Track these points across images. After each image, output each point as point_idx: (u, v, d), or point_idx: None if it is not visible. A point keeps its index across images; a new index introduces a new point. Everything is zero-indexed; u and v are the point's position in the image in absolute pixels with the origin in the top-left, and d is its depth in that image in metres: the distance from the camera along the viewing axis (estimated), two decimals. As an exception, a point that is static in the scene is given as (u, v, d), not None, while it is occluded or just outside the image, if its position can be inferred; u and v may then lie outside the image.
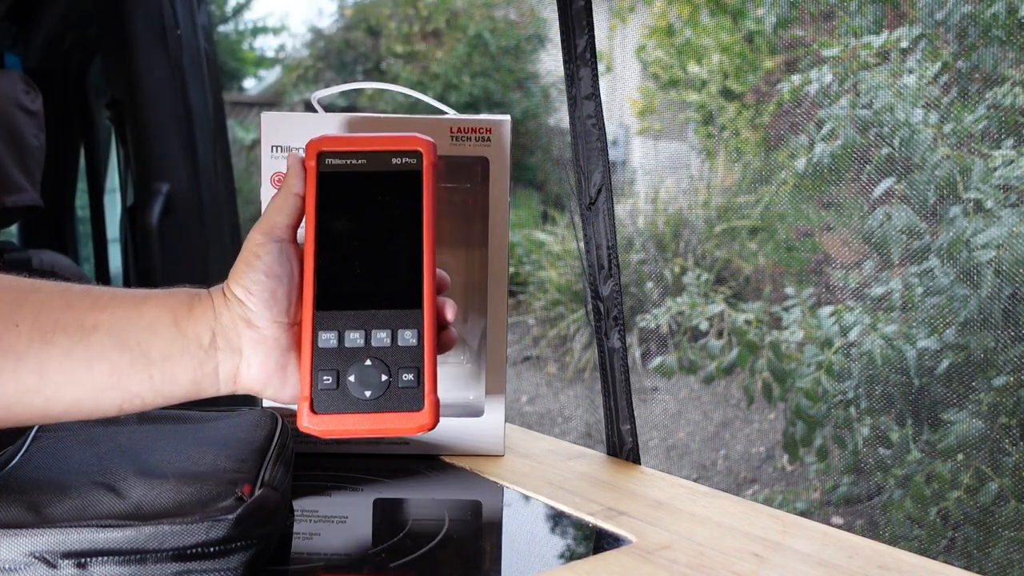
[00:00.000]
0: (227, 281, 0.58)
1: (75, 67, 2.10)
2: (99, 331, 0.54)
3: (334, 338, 0.58)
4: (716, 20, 2.80)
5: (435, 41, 6.85)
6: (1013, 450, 1.44)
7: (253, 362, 0.57)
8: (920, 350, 1.57)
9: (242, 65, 8.87)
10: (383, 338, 0.58)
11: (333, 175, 0.61)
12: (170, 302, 0.56)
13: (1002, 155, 1.44)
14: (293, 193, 0.60)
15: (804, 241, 2.09)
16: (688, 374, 2.26)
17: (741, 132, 2.62)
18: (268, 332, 0.57)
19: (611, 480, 0.77)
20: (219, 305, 0.57)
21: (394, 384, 0.58)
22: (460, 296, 0.85)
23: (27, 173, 1.35)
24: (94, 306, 0.55)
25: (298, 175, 0.61)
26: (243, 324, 0.57)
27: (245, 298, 0.57)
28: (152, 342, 0.55)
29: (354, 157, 0.61)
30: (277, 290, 0.57)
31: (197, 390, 0.57)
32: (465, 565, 0.60)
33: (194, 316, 0.56)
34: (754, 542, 0.64)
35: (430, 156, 0.61)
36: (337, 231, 0.60)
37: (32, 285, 0.55)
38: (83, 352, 0.53)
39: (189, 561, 0.51)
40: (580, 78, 0.82)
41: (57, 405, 0.54)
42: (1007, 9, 1.38)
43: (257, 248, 0.58)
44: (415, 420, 0.58)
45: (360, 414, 0.58)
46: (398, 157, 0.61)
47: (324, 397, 0.57)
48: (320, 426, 0.57)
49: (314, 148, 0.61)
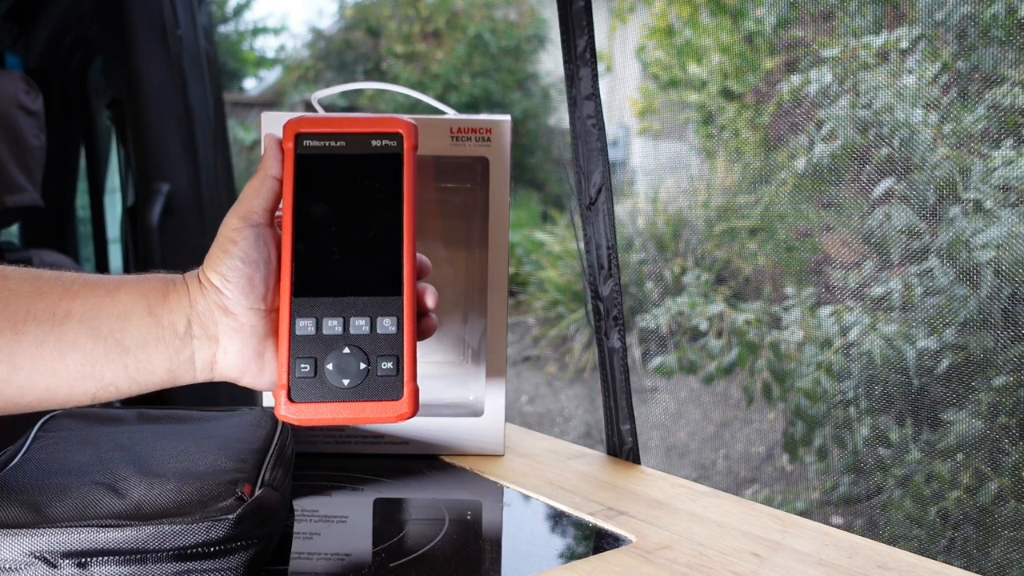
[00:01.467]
0: (202, 267, 0.57)
1: (75, 67, 2.10)
2: (71, 320, 0.53)
3: (312, 325, 0.57)
4: (716, 20, 2.80)
5: (435, 41, 6.85)
6: (1013, 450, 1.44)
7: (230, 350, 0.56)
8: (920, 350, 1.57)
9: (242, 65, 8.88)
10: (362, 325, 0.57)
11: (311, 157, 0.59)
12: (144, 289, 0.55)
13: (1002, 155, 1.44)
14: (270, 176, 0.59)
15: (804, 241, 2.09)
16: (688, 374, 2.26)
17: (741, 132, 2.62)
18: (245, 319, 0.56)
19: (611, 480, 0.77)
20: (195, 292, 0.56)
21: (373, 372, 0.57)
22: (460, 296, 0.86)
23: (28, 173, 1.36)
24: (66, 294, 0.54)
25: (275, 157, 0.59)
26: (219, 311, 0.56)
27: (221, 285, 0.56)
28: (126, 330, 0.54)
29: (333, 139, 0.60)
30: (254, 276, 0.56)
31: (172, 378, 0.56)
32: (465, 565, 0.60)
33: (169, 304, 0.55)
34: (754, 542, 0.64)
35: (411, 138, 0.60)
36: (315, 215, 0.59)
37: (1, 273, 0.54)
38: (55, 342, 0.52)
39: (189, 561, 0.51)
40: (580, 78, 0.82)
41: (29, 395, 0.53)
42: (1007, 9, 1.38)
43: (233, 233, 0.56)
44: (394, 409, 0.57)
45: (338, 403, 0.57)
46: (378, 139, 0.60)
47: (302, 385, 0.57)
48: (297, 415, 0.56)
49: (292, 129, 0.60)
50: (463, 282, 0.85)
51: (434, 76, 6.61)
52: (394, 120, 0.60)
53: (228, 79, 8.15)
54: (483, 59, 6.65)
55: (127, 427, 0.69)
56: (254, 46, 9.32)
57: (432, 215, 0.85)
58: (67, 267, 1.58)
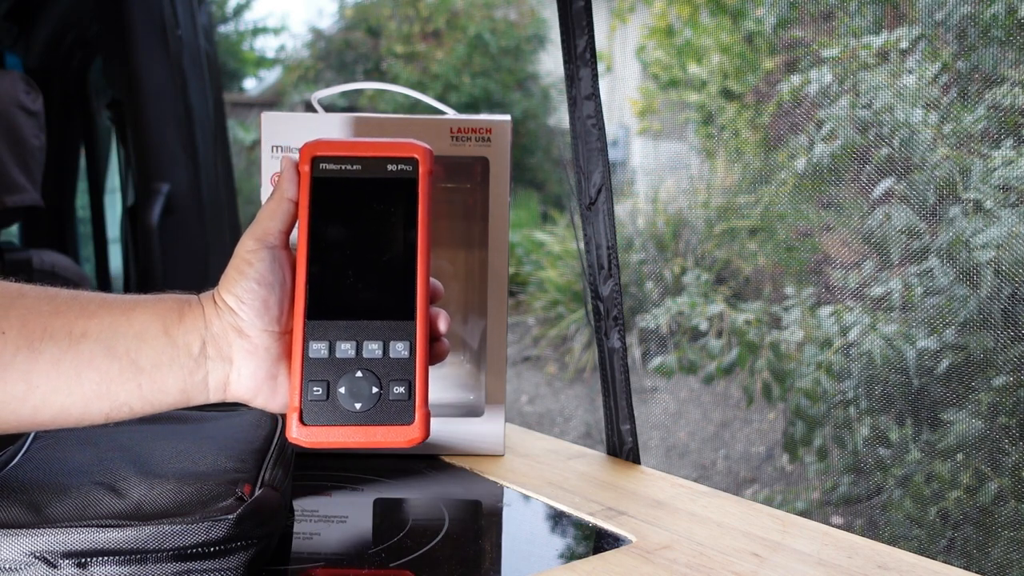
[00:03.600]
0: (218, 288, 0.57)
1: (75, 67, 2.10)
2: (88, 339, 0.53)
3: (325, 348, 0.57)
4: (716, 20, 2.80)
5: (435, 41, 6.85)
6: (1013, 450, 1.44)
7: (244, 371, 0.56)
8: (920, 350, 1.57)
9: (242, 65, 8.88)
10: (374, 349, 0.57)
11: (327, 180, 0.59)
12: (160, 309, 0.55)
13: (1002, 155, 1.44)
14: (286, 198, 0.59)
15: (804, 241, 2.09)
16: (688, 374, 2.26)
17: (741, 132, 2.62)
18: (259, 341, 0.56)
19: (611, 480, 0.77)
20: (210, 313, 0.56)
21: (385, 396, 0.57)
22: (460, 296, 0.86)
23: (28, 173, 1.36)
24: (83, 313, 0.54)
25: (292, 180, 0.59)
26: (234, 333, 0.56)
27: (237, 307, 0.56)
28: (141, 350, 0.54)
29: (349, 163, 0.60)
30: (269, 298, 0.56)
31: (186, 399, 0.56)
32: (465, 565, 0.60)
33: (184, 324, 0.55)
34: (754, 542, 0.64)
35: (426, 163, 0.60)
36: (330, 239, 0.59)
37: (19, 291, 0.54)
38: (72, 361, 0.52)
39: (189, 561, 0.51)
40: (580, 78, 0.82)
41: (44, 414, 0.53)
42: (1007, 9, 1.38)
43: (249, 255, 0.57)
44: (405, 434, 0.57)
45: (350, 426, 0.57)
46: (394, 164, 0.60)
47: (314, 408, 0.57)
48: (309, 438, 0.56)
49: (308, 152, 0.60)
50: (463, 282, 0.85)
51: (434, 76, 6.61)
52: (410, 145, 0.60)
53: (228, 79, 8.16)
54: (483, 59, 6.65)
55: (127, 427, 0.69)
56: (254, 46, 9.33)
57: (432, 215, 0.85)
58: (67, 267, 1.58)
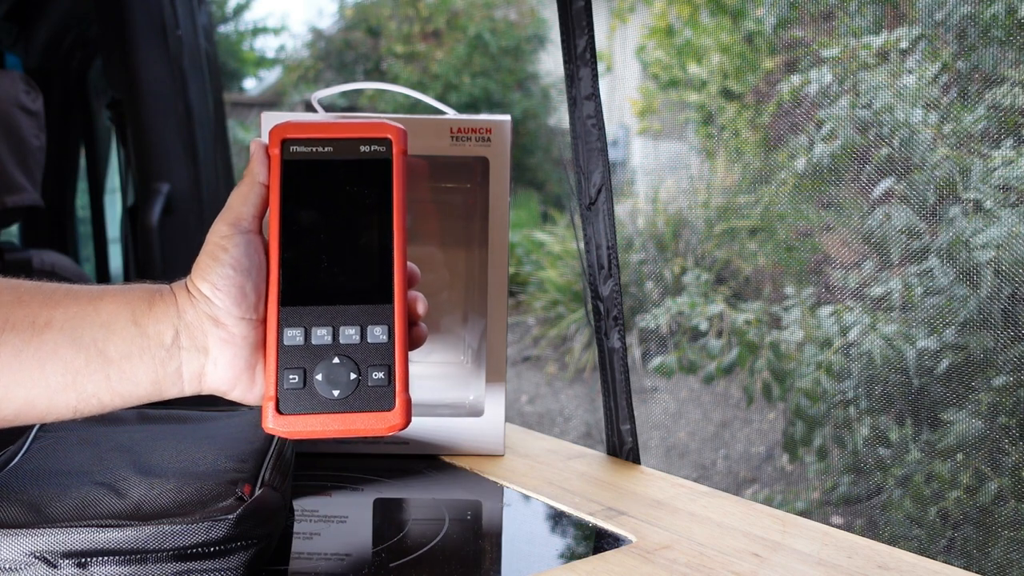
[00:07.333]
0: (191, 276, 0.55)
1: (75, 67, 2.10)
2: (52, 329, 0.51)
3: (300, 335, 0.56)
4: (716, 20, 2.80)
5: (435, 41, 6.85)
6: (1013, 450, 1.44)
7: (220, 362, 0.54)
8: (920, 350, 1.57)
9: (242, 65, 8.88)
10: (352, 335, 0.56)
11: (298, 163, 0.58)
12: (128, 298, 0.54)
13: (1002, 155, 1.44)
14: (257, 182, 0.57)
15: (804, 241, 2.09)
16: (688, 374, 2.26)
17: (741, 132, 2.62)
18: (236, 330, 0.54)
19: (611, 480, 0.77)
20: (183, 302, 0.54)
21: (364, 383, 0.55)
22: (460, 296, 0.86)
23: (28, 173, 1.36)
24: (47, 302, 0.52)
25: (262, 163, 0.58)
26: (209, 322, 0.54)
27: (212, 294, 0.54)
28: (109, 340, 0.52)
29: (320, 144, 0.58)
30: (245, 285, 0.55)
31: (159, 391, 0.54)
32: (465, 565, 0.60)
33: (154, 313, 0.53)
34: (754, 542, 0.64)
35: (400, 143, 0.58)
36: (303, 223, 0.57)
37: None
38: (34, 351, 0.51)
39: (189, 561, 0.51)
40: (580, 78, 0.82)
41: (7, 407, 0.51)
42: (1007, 9, 1.38)
43: (223, 240, 0.55)
44: (386, 420, 0.55)
45: (328, 414, 0.55)
46: (366, 144, 0.58)
47: (290, 397, 0.55)
48: (286, 427, 0.55)
49: (278, 135, 0.58)
50: (463, 282, 0.85)
51: (434, 76, 6.61)
52: (383, 125, 0.59)
53: (228, 79, 8.16)
54: (483, 59, 6.65)
55: (127, 427, 0.69)
56: (254, 46, 9.33)
57: (432, 215, 0.85)
58: (67, 267, 1.58)
